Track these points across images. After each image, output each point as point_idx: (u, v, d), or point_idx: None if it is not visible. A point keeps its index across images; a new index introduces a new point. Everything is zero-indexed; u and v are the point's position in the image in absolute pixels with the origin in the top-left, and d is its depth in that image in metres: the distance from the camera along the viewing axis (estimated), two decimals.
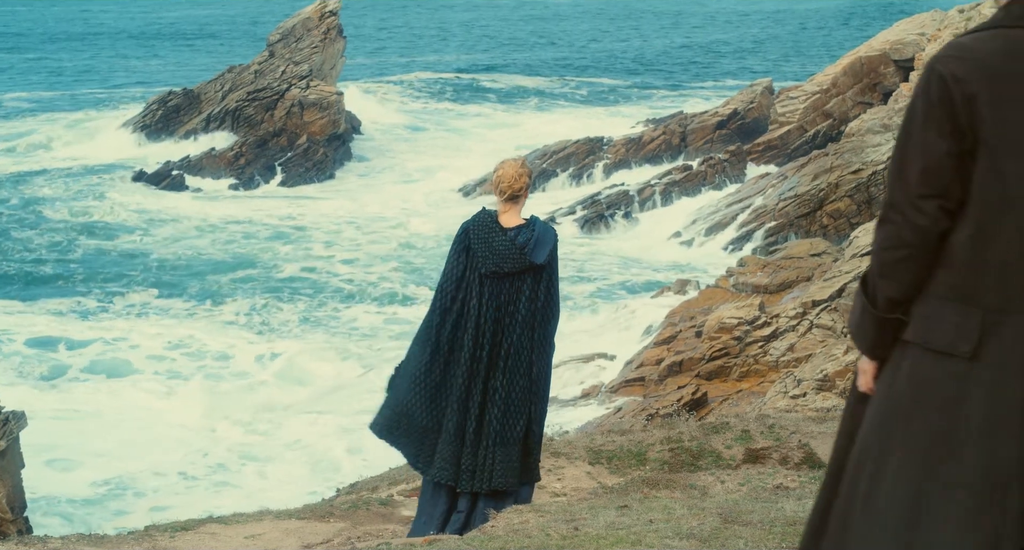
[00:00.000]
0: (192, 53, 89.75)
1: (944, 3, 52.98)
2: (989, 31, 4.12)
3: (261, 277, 41.21)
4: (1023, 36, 4.07)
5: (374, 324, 36.80)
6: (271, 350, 34.29)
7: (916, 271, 4.16)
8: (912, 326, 4.20)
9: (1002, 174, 4.03)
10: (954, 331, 4.09)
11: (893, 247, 4.18)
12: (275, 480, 26.24)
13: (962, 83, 4.04)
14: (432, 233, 45.83)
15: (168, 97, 61.06)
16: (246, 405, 30.28)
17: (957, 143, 4.06)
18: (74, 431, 28.28)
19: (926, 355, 4.15)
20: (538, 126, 64.37)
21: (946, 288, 4.13)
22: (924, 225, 4.11)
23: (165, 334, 35.44)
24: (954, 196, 4.09)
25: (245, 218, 48.09)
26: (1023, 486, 4.01)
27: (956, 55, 4.09)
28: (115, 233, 45.83)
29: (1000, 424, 4.03)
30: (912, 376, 4.18)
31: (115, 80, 78.25)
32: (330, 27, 61.39)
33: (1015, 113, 4.02)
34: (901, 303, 4.21)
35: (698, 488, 8.83)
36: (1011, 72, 4.03)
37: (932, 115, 4.09)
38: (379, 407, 9.12)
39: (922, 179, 4.10)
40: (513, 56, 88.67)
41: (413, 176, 55.30)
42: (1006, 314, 4.05)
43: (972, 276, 4.09)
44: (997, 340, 4.05)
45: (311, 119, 57.60)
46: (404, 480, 11.01)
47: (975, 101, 4.03)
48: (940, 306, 4.14)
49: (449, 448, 8.68)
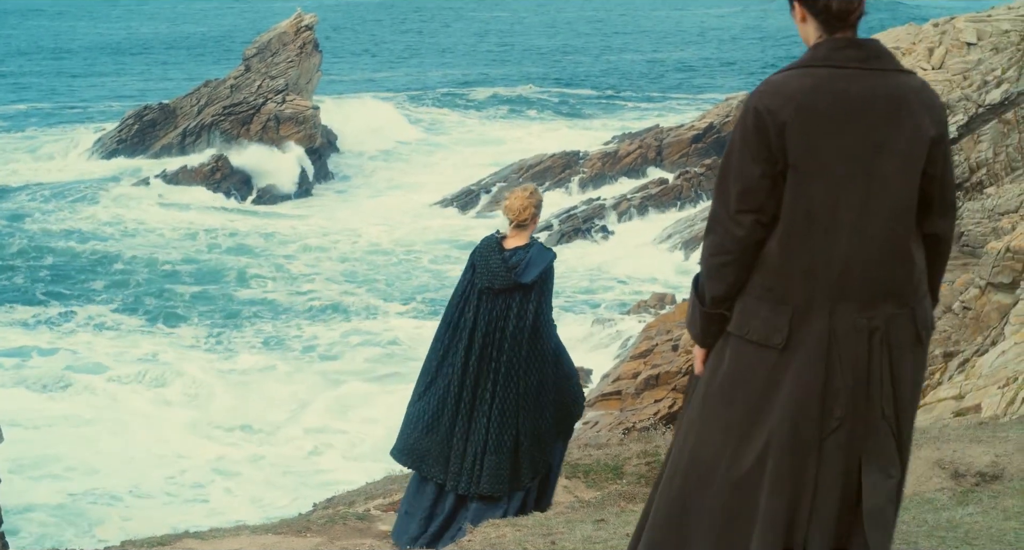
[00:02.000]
0: (167, 68, 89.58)
1: (920, 18, 53.22)
2: (798, 70, 4.82)
3: (229, 293, 41.15)
4: (826, 74, 4.77)
5: (335, 339, 36.73)
6: (233, 366, 34.29)
7: (736, 274, 4.88)
8: (734, 320, 4.93)
9: (808, 194, 4.75)
10: (768, 325, 4.83)
11: (717, 254, 4.90)
12: (250, 495, 26.19)
13: (774, 115, 4.73)
14: (407, 248, 45.80)
15: (144, 111, 60.97)
16: (219, 420, 30.23)
17: (770, 167, 4.75)
18: (43, 443, 28.24)
19: (745, 345, 4.89)
20: (515, 140, 64.41)
21: (761, 289, 4.85)
22: (741, 236, 4.82)
23: (129, 348, 35.58)
24: (767, 211, 4.79)
25: (218, 231, 47.96)
26: (820, 456, 4.79)
27: (769, 91, 4.79)
28: (88, 247, 45.66)
29: (803, 403, 4.78)
30: (733, 362, 4.93)
31: (89, 95, 78.05)
32: (306, 41, 61.36)
33: (819, 141, 4.73)
34: (724, 301, 4.94)
35: None
36: (816, 106, 4.73)
37: (748, 143, 4.77)
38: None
39: (740, 197, 4.79)
40: (489, 71, 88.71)
41: (389, 191, 55.25)
42: (810, 311, 4.78)
43: (783, 279, 4.81)
44: (803, 333, 4.79)
45: (287, 133, 57.55)
46: (381, 494, 11.00)
47: (785, 131, 4.72)
48: (756, 304, 4.86)
49: (439, 449, 9.18)
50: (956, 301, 26.61)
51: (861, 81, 4.78)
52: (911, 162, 4.82)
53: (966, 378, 20.11)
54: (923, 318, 5.01)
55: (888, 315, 4.84)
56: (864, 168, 4.76)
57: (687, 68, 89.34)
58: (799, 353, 4.79)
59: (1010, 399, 16.86)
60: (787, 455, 4.79)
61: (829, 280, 4.78)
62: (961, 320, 25.89)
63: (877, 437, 4.86)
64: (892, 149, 4.78)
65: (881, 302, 4.83)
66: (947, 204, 4.98)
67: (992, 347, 21.77)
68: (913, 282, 4.90)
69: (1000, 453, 9.73)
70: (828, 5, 4.80)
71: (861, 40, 4.85)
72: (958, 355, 24.14)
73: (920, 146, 4.82)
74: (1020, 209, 30.31)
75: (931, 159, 4.87)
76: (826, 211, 4.75)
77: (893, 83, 4.82)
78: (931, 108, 4.87)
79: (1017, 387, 17.15)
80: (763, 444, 4.84)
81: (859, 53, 4.81)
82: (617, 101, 76.94)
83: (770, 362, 4.83)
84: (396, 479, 10.99)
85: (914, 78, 4.89)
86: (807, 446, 4.79)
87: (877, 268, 4.80)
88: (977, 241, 29.10)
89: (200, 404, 31.34)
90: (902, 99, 4.80)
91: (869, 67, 4.80)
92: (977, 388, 18.91)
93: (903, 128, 4.79)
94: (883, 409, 4.84)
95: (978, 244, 28.89)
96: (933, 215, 4.96)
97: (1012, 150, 38.37)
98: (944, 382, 21.85)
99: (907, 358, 4.90)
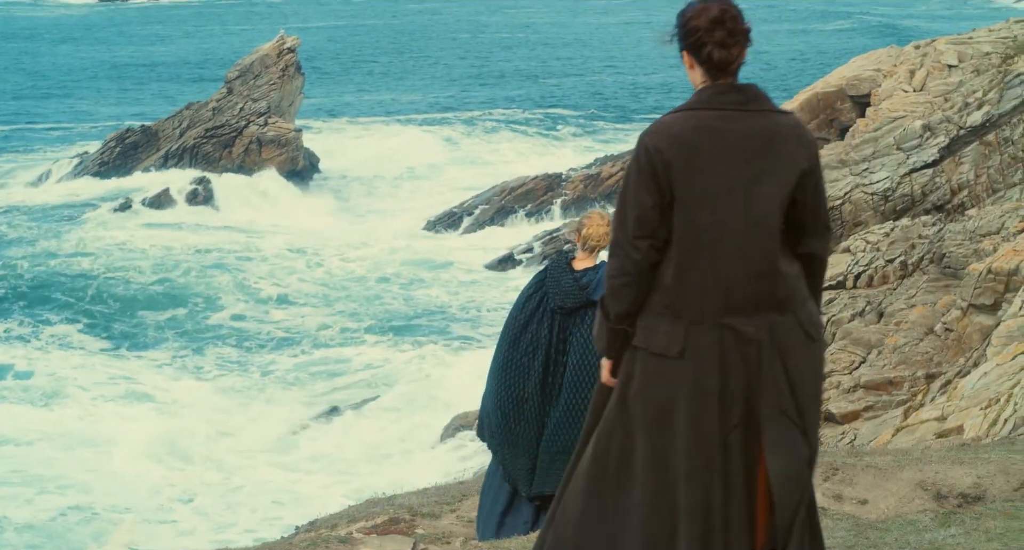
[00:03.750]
0: (148, 90, 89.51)
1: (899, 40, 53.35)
2: (684, 112, 5.55)
3: (202, 316, 41.08)
4: (708, 116, 5.49)
5: (306, 363, 36.74)
6: (210, 387, 34.32)
7: (635, 294, 5.56)
8: (639, 335, 5.60)
9: (695, 221, 5.46)
10: (666, 338, 5.51)
11: (617, 275, 5.58)
12: (222, 519, 26.16)
13: (661, 153, 5.44)
14: (385, 271, 45.79)
15: (126, 134, 60.88)
16: (195, 442, 30.22)
17: (660, 198, 5.46)
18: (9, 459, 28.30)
19: (649, 356, 5.56)
20: (497, 162, 64.37)
21: (660, 306, 5.54)
22: (639, 259, 5.51)
23: (98, 367, 35.70)
24: (661, 237, 5.50)
25: (196, 253, 47.87)
26: (725, 450, 5.46)
27: (658, 131, 5.52)
28: (65, 268, 45.54)
29: (702, 405, 5.46)
30: (640, 372, 5.58)
31: (70, 117, 77.92)
32: (288, 64, 61.36)
33: (702, 176, 5.43)
34: (626, 317, 5.61)
35: None
36: (698, 144, 5.44)
37: (641, 177, 5.48)
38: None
39: (636, 225, 5.49)
40: (471, 93, 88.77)
41: (371, 214, 55.19)
42: (702, 325, 5.46)
43: (677, 296, 5.50)
44: (698, 344, 5.47)
45: (269, 156, 57.52)
46: (363, 517, 10.96)
47: (671, 167, 5.43)
48: (656, 319, 5.55)
49: (522, 460, 9.75)
50: (938, 323, 26.67)
51: (740, 121, 5.50)
52: (783, 191, 5.53)
53: (948, 400, 20.14)
54: (808, 320, 5.61)
55: (772, 322, 5.49)
56: (744, 196, 5.47)
57: (667, 89, 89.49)
58: (696, 361, 5.47)
59: (992, 420, 16.88)
60: (697, 451, 5.47)
61: (717, 296, 5.46)
62: (943, 342, 25.95)
63: (779, 429, 5.51)
64: (767, 179, 5.50)
65: (765, 312, 5.49)
66: (820, 226, 5.74)
67: (974, 368, 21.81)
68: (788, 292, 5.54)
69: (982, 474, 9.74)
70: (711, 55, 5.53)
71: (740, 85, 5.59)
72: (940, 377, 24.19)
73: (792, 176, 5.54)
74: (1001, 231, 30.39)
75: (802, 187, 5.58)
76: (711, 235, 5.46)
77: (769, 122, 5.55)
78: (803, 143, 5.60)
79: (999, 408, 17.18)
80: (676, 442, 5.50)
81: (738, 97, 5.54)
82: (598, 122, 76.94)
83: (671, 370, 5.50)
84: (378, 502, 10.96)
85: (789, 117, 5.67)
86: (712, 442, 5.47)
87: (758, 283, 5.47)
88: (958, 263, 29.17)
89: (172, 425, 31.31)
90: (776, 135, 5.52)
91: (747, 108, 5.53)
92: (959, 409, 18.94)
93: (777, 161, 5.51)
94: (780, 404, 5.51)
95: (959, 266, 28.96)
96: (807, 236, 5.69)
97: (993, 172, 38.49)
98: (926, 404, 21.89)
99: (799, 356, 5.55)
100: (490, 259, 46.47)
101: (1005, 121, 39.00)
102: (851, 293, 29.99)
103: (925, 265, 30.21)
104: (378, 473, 27.40)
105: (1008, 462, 10.07)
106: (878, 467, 9.94)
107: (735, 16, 5.56)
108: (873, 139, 39.84)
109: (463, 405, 30.72)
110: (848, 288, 30.47)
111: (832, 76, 48.34)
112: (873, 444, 19.04)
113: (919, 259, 30.48)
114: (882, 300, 29.14)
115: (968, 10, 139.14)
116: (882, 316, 28.51)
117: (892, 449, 12.75)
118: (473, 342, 38.34)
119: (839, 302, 29.51)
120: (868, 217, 37.49)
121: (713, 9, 5.56)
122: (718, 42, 5.54)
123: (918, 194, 38.14)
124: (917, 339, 26.43)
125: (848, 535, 8.39)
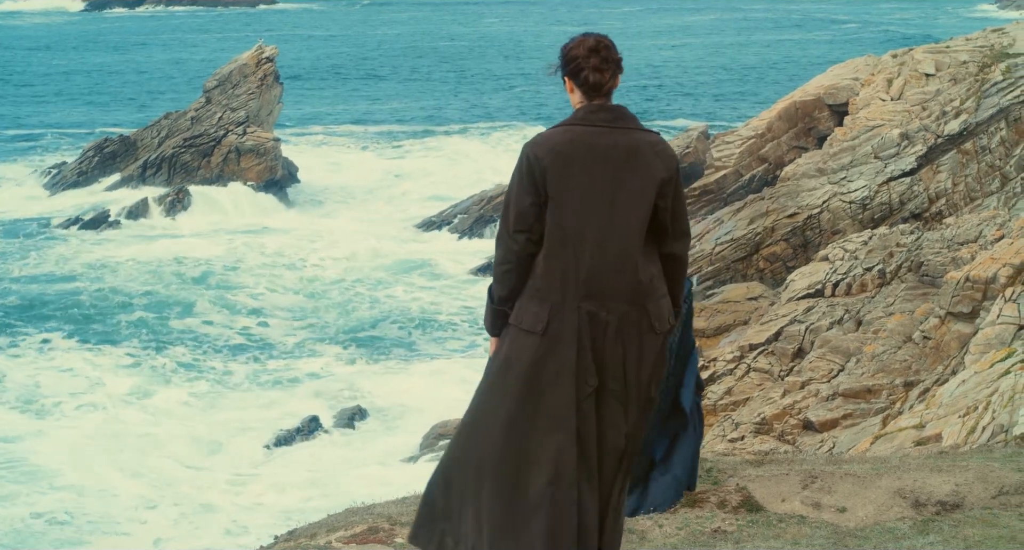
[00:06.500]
0: (124, 100, 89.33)
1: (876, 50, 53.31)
2: (562, 127, 6.50)
3: (176, 324, 41.02)
4: (581, 131, 6.43)
5: (284, 374, 36.72)
6: (176, 398, 34.30)
7: (514, 280, 6.53)
8: (513, 314, 6.56)
9: (562, 220, 6.40)
10: (534, 317, 6.46)
11: (500, 263, 6.54)
12: (211, 527, 26.09)
13: (539, 160, 6.39)
14: (361, 280, 45.76)
15: (104, 144, 60.74)
16: (165, 452, 30.21)
17: (536, 198, 6.41)
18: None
19: (520, 333, 6.51)
20: (476, 171, 64.33)
21: (532, 290, 6.49)
22: (517, 250, 6.48)
23: (72, 374, 35.80)
24: (536, 231, 6.45)
25: (172, 262, 47.79)
26: (579, 413, 6.42)
27: (540, 142, 6.46)
28: (47, 278, 45.48)
29: (560, 377, 6.41)
30: (511, 346, 6.53)
31: (46, 125, 77.74)
32: (267, 73, 61.28)
33: (572, 182, 6.37)
34: (507, 300, 6.58)
35: (636, 532, 8.82)
36: (570, 154, 6.39)
37: (522, 180, 6.43)
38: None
39: (516, 220, 6.46)
40: (451, 103, 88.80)
41: (349, 223, 55.09)
42: (564, 307, 6.40)
43: (545, 283, 6.44)
44: (559, 323, 6.40)
45: (248, 165, 57.44)
46: (342, 526, 10.94)
47: (547, 173, 6.38)
48: (528, 301, 6.49)
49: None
50: (916, 331, 26.72)
51: (607, 136, 6.42)
52: (643, 197, 6.43)
53: (927, 407, 20.17)
54: (656, 314, 6.50)
55: (623, 311, 6.41)
56: (606, 201, 6.39)
57: (649, 98, 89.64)
58: (557, 338, 6.40)
59: (971, 428, 16.91)
60: (554, 413, 6.42)
61: (577, 284, 6.39)
62: (921, 349, 25.99)
63: (609, 404, 6.47)
64: (628, 187, 6.41)
65: (618, 301, 6.41)
66: (680, 230, 6.61)
67: (952, 376, 21.86)
68: (643, 286, 6.44)
69: (960, 482, 9.75)
70: (587, 78, 6.47)
71: (611, 106, 6.52)
72: (918, 384, 24.23)
73: (651, 185, 6.44)
74: (979, 239, 30.48)
75: (662, 195, 6.47)
76: (576, 233, 6.39)
77: (632, 138, 6.45)
78: (662, 157, 6.48)
79: (977, 416, 17.21)
80: (538, 405, 6.43)
81: (608, 115, 6.47)
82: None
83: (535, 344, 6.43)
84: (356, 511, 10.93)
85: (651, 134, 6.54)
86: (568, 405, 6.40)
87: (613, 276, 6.40)
88: (936, 271, 29.24)
89: (145, 433, 31.27)
90: (637, 149, 6.43)
91: (614, 126, 6.45)
92: (938, 417, 18.97)
93: (637, 171, 6.42)
94: (611, 384, 6.44)
95: (937, 274, 29.03)
96: (668, 238, 6.59)
97: (971, 180, 38.63)
98: (904, 411, 21.92)
99: (639, 344, 6.47)
100: (470, 267, 46.49)
101: (982, 130, 39.15)
102: (829, 301, 30.04)
103: (903, 273, 30.28)
104: (357, 483, 27.36)
105: (986, 470, 10.09)
106: (857, 475, 9.94)
107: (608, 46, 6.53)
108: (851, 148, 39.94)
109: (442, 414, 30.72)
110: (826, 296, 30.52)
111: (810, 85, 48.44)
112: (852, 452, 19.05)
113: (897, 267, 30.55)
114: (860, 308, 29.19)
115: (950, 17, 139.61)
116: (860, 324, 28.56)
117: (871, 457, 12.75)
118: (454, 352, 38.38)
119: (817, 310, 29.55)
120: (846, 225, 37.57)
121: (589, 40, 6.54)
122: (593, 67, 6.48)
123: (896, 202, 38.23)
124: (895, 347, 26.47)
125: (827, 543, 8.40)
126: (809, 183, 39.11)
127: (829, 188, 38.71)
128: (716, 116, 79.78)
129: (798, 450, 22.37)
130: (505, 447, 6.51)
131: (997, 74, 40.50)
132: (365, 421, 32.47)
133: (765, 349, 28.51)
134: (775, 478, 10.01)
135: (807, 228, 37.78)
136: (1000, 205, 37.20)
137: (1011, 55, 41.78)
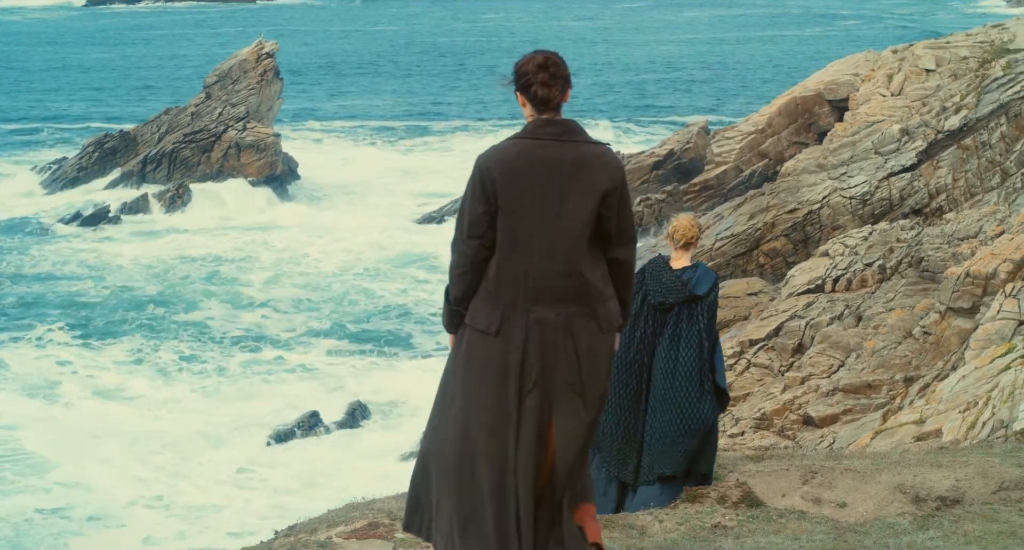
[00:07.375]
0: (123, 95, 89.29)
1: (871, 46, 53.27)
2: (513, 140, 6.81)
3: (176, 318, 41.07)
4: (530, 144, 6.74)
5: (286, 369, 36.72)
6: (177, 393, 34.30)
7: (468, 282, 6.87)
8: (469, 314, 6.88)
9: (512, 227, 6.73)
10: (487, 319, 6.79)
11: (455, 267, 6.89)
12: (211, 522, 26.09)
13: (490, 172, 6.72)
14: (362, 274, 45.75)
15: (104, 139, 60.68)
16: (166, 448, 30.20)
17: (488, 207, 6.72)
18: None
19: (474, 333, 6.85)
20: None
21: (485, 293, 6.82)
22: (471, 255, 6.81)
23: (74, 369, 35.87)
24: (489, 238, 6.77)
25: (173, 257, 47.79)
26: (521, 409, 6.75)
27: (491, 155, 6.78)
28: (47, 274, 45.48)
29: (506, 373, 6.75)
30: (467, 345, 6.89)
31: (43, 120, 77.69)
32: (267, 69, 61.24)
33: (520, 192, 6.69)
34: (462, 301, 6.91)
35: (636, 527, 8.82)
36: (519, 166, 6.71)
37: (475, 190, 6.75)
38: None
39: (469, 227, 6.79)
40: (450, 99, 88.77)
41: (350, 219, 55.05)
42: (515, 309, 6.74)
43: (497, 286, 6.78)
44: (510, 324, 6.74)
45: (248, 161, 57.41)
46: (343, 522, 10.94)
47: (496, 184, 6.70)
48: (482, 303, 6.83)
49: (627, 448, 10.26)
50: (916, 326, 26.72)
51: (554, 149, 6.74)
52: (587, 206, 6.73)
53: (927, 403, 20.17)
54: (604, 315, 6.84)
55: (571, 313, 6.76)
56: (553, 210, 6.71)
57: (645, 94, 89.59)
58: (506, 339, 6.75)
59: (971, 423, 16.91)
60: (498, 408, 6.77)
61: (527, 287, 6.73)
62: (921, 345, 26.00)
63: (567, 398, 6.79)
64: (574, 197, 6.72)
65: (566, 304, 6.76)
66: (625, 237, 6.92)
67: (952, 372, 21.86)
68: (589, 289, 6.80)
69: (960, 477, 9.76)
70: (536, 93, 6.77)
71: (559, 119, 6.84)
72: (918, 380, 24.23)
73: (595, 195, 6.74)
74: (979, 234, 30.47)
75: (606, 204, 6.77)
76: (524, 240, 6.73)
77: (579, 150, 6.76)
78: (608, 168, 6.79)
79: (977, 412, 17.21)
80: (485, 401, 6.79)
81: (556, 129, 6.79)
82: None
83: (488, 344, 6.79)
84: (357, 506, 10.92)
85: (597, 147, 6.85)
86: (511, 401, 6.76)
87: (560, 280, 6.74)
88: (937, 266, 29.24)
89: (147, 429, 31.27)
90: (583, 161, 6.74)
91: (561, 139, 6.76)
92: (938, 413, 18.98)
93: (582, 182, 6.72)
94: (568, 379, 6.77)
95: (938, 269, 29.02)
96: (614, 244, 6.89)
97: (971, 176, 38.60)
98: (905, 407, 21.92)
99: (589, 342, 6.80)
100: None
101: (983, 125, 39.12)
102: (830, 297, 30.03)
103: (903, 269, 30.27)
104: (357, 478, 27.35)
105: (986, 465, 10.09)
106: (857, 470, 9.94)
107: (557, 63, 6.86)
108: (851, 143, 39.90)
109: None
110: (827, 292, 30.51)
111: (810, 80, 48.41)
112: (852, 447, 19.05)
113: (897, 263, 30.54)
114: (860, 304, 29.18)
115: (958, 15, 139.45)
116: (860, 320, 28.56)
117: (871, 452, 12.76)
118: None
119: (818, 306, 29.55)
120: (847, 221, 37.55)
121: (539, 57, 6.88)
122: (542, 83, 6.79)
123: (896, 198, 38.21)
124: (896, 342, 26.48)
125: (827, 538, 8.40)
126: (809, 179, 39.09)
127: (829, 184, 38.68)
128: (716, 111, 79.77)
129: (798, 445, 22.38)
130: (461, 441, 6.88)
131: (997, 70, 40.46)
132: (365, 416, 32.47)
133: (765, 344, 28.52)
134: (775, 473, 10.01)
135: (807, 224, 37.76)
136: (1000, 201, 37.18)
137: (1011, 51, 41.74)
